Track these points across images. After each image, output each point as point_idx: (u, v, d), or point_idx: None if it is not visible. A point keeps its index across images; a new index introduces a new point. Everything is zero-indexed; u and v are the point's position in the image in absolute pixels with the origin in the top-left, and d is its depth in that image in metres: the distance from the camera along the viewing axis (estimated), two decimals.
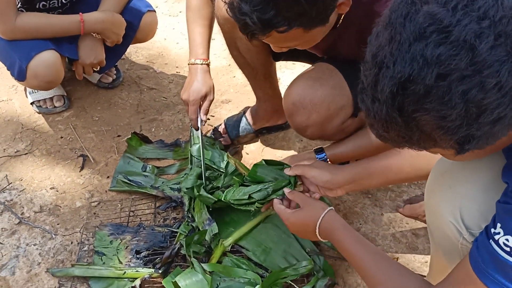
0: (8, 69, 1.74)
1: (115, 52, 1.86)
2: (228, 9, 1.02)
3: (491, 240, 0.74)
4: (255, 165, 1.28)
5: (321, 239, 1.10)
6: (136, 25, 1.83)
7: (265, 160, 1.28)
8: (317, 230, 1.09)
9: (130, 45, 1.98)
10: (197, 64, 1.46)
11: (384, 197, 1.55)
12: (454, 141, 0.65)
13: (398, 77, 0.63)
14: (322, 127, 1.36)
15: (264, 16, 0.97)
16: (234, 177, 1.36)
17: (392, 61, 0.64)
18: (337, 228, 1.06)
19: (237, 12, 0.99)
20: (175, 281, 1.17)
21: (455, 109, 0.62)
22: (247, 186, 1.28)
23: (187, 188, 1.45)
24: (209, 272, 1.22)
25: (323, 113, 1.32)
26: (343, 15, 1.17)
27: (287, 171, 1.23)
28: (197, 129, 1.47)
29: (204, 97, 1.45)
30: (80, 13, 1.68)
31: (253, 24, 0.98)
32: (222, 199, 1.32)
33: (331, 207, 1.10)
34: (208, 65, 1.48)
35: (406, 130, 0.67)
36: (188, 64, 1.48)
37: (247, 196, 1.25)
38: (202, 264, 1.23)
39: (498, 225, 0.74)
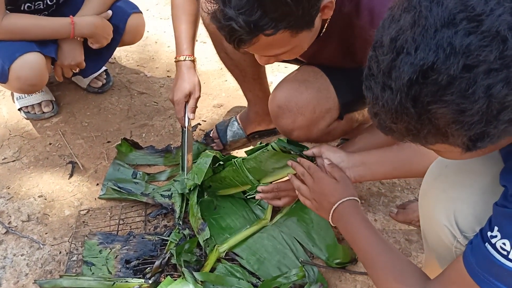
0: None
1: (101, 55, 1.83)
2: (211, 19, 1.00)
3: (487, 244, 0.73)
4: (279, 140, 1.27)
5: (331, 221, 1.08)
6: (122, 28, 1.79)
7: (287, 140, 1.28)
8: (335, 206, 1.06)
9: (120, 48, 1.96)
10: (181, 60, 1.44)
11: (377, 202, 1.54)
12: (467, 137, 0.62)
13: (420, 64, 0.60)
14: (308, 130, 1.35)
15: (251, 18, 0.95)
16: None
17: (414, 47, 0.60)
18: (356, 212, 1.05)
19: (221, 19, 0.97)
20: None
21: (477, 103, 0.58)
22: None
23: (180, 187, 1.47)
24: (201, 281, 1.20)
25: (308, 116, 1.32)
26: (326, 23, 1.16)
27: (306, 152, 1.23)
28: (184, 127, 1.45)
29: (189, 95, 1.43)
30: (71, 16, 1.65)
31: (239, 28, 0.96)
32: (234, 160, 1.34)
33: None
34: (192, 61, 1.46)
35: (417, 123, 0.64)
36: (174, 62, 1.46)
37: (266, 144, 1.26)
38: (194, 274, 1.21)
39: (495, 228, 0.72)
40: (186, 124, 1.44)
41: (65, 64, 1.72)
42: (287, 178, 1.26)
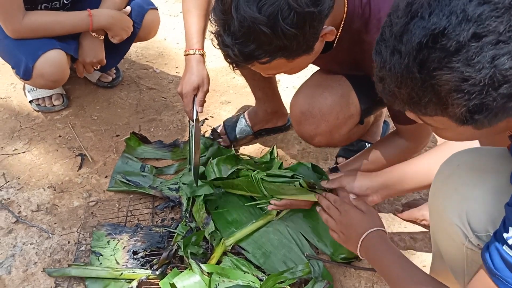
0: (13, 68, 1.73)
1: (118, 50, 1.87)
2: (214, 38, 1.04)
3: (504, 246, 0.72)
4: (299, 163, 1.29)
5: (359, 253, 1.07)
6: (138, 23, 1.83)
7: (312, 164, 1.29)
8: (363, 236, 1.06)
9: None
10: (190, 54, 1.45)
11: (383, 201, 1.55)
12: (466, 108, 0.64)
13: (431, 28, 0.62)
14: (330, 136, 1.36)
15: (245, 50, 0.99)
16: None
17: (428, 12, 0.62)
18: (384, 242, 1.04)
19: (220, 44, 1.02)
20: (173, 283, 1.17)
21: (480, 73, 0.60)
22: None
23: (183, 183, 1.47)
24: (208, 273, 1.21)
25: (332, 122, 1.32)
26: (335, 42, 1.17)
27: (324, 184, 1.24)
28: (192, 121, 1.47)
29: (197, 88, 1.44)
30: (88, 9, 1.68)
31: (234, 56, 1.01)
32: (253, 175, 1.33)
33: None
34: (202, 55, 1.46)
35: (420, 90, 0.66)
36: (184, 56, 1.48)
37: (291, 175, 1.24)
38: (201, 265, 1.22)
39: (511, 229, 0.72)
40: (194, 117, 1.45)
41: (87, 61, 1.75)
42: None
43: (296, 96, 1.36)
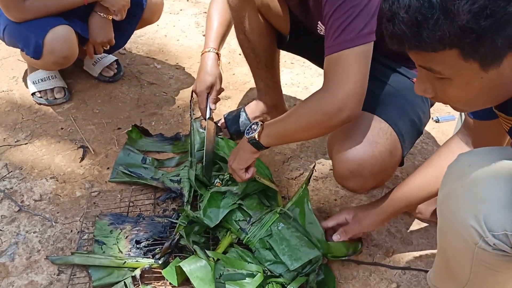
0: (22, 49, 1.76)
1: (124, 32, 1.91)
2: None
3: None
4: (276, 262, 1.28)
5: None
6: (143, 3, 1.87)
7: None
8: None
9: (130, 40, 2.01)
10: (205, 52, 1.49)
11: (380, 193, 1.58)
12: (471, 14, 0.71)
13: None
14: (372, 186, 1.35)
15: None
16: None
17: None
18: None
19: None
20: (180, 265, 1.19)
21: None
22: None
23: (188, 178, 1.49)
24: (213, 259, 1.23)
25: (379, 179, 1.29)
26: None
27: (336, 238, 1.29)
28: (205, 119, 1.50)
29: (211, 87, 1.47)
30: None
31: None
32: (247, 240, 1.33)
33: None
34: (217, 54, 1.51)
35: (427, 8, 0.73)
36: (200, 56, 1.52)
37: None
38: (206, 251, 1.24)
39: None
40: (208, 116, 1.49)
41: (98, 41, 1.81)
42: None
43: (344, 152, 1.24)
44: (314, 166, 1.46)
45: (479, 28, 0.72)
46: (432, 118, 1.89)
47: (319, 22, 1.35)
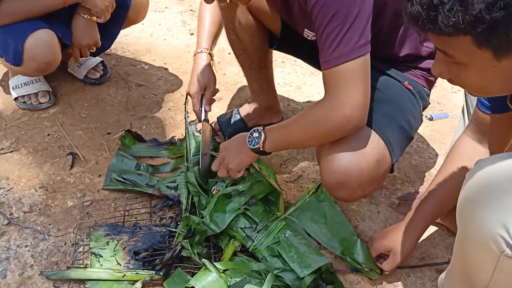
0: (1, 56, 1.66)
1: (109, 33, 1.83)
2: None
3: None
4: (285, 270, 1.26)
5: None
6: (127, 2, 1.80)
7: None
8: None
9: (115, 40, 1.94)
10: (198, 52, 1.45)
11: (379, 195, 1.57)
12: (485, 4, 0.72)
13: None
14: (360, 196, 1.32)
15: None
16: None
17: None
18: None
19: None
20: (192, 286, 1.15)
21: None
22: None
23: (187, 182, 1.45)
24: (223, 270, 1.20)
25: (367, 188, 1.27)
26: None
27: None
28: (200, 121, 1.46)
29: (204, 88, 1.44)
30: None
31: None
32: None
33: None
34: (209, 54, 1.47)
35: None
36: (193, 57, 1.49)
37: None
38: (215, 264, 1.21)
39: None
40: (203, 118, 1.45)
41: (83, 44, 1.72)
42: None
43: (331, 162, 1.22)
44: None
45: (491, 19, 0.73)
46: (426, 116, 1.89)
47: (305, 29, 1.34)
